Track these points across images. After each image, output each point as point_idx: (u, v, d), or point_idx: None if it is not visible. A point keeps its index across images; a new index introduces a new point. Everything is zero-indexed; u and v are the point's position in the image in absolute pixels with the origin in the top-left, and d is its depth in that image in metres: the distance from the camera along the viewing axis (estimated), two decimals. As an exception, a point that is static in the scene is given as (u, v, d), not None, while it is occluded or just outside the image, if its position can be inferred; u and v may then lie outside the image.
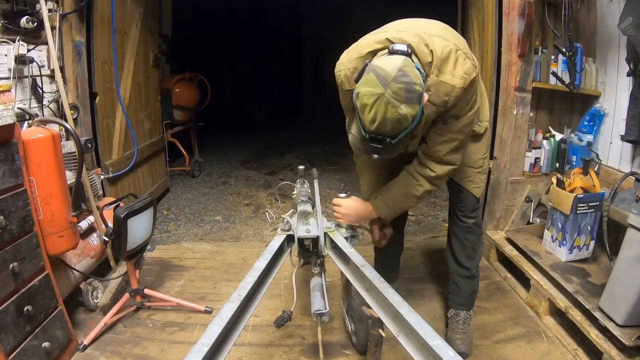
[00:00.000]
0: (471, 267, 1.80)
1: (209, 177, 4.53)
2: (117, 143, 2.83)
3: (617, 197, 1.98)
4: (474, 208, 1.75)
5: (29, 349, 1.43)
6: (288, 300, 2.07)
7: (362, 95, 1.14)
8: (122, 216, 1.76)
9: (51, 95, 2.14)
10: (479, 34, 2.75)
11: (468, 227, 1.76)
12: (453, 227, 1.81)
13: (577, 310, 1.76)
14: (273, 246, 1.44)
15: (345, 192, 1.67)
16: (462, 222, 1.76)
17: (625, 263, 1.58)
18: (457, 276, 1.83)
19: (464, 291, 1.84)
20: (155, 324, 1.98)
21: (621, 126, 2.18)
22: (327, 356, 1.73)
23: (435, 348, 0.94)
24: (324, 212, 1.63)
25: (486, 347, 1.80)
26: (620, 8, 2.01)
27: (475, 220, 1.77)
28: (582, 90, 2.42)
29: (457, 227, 1.79)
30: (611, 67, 2.35)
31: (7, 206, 1.38)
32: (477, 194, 1.72)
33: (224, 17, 6.98)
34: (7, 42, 1.82)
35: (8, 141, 1.40)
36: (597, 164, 2.28)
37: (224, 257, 2.66)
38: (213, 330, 0.99)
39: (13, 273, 1.38)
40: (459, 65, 1.29)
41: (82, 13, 2.30)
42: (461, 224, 1.77)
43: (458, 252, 1.80)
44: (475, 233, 1.78)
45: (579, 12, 2.39)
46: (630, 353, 1.51)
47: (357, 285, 1.33)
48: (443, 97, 1.30)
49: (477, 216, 1.78)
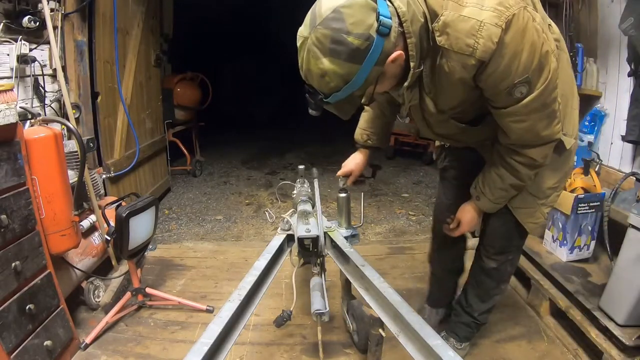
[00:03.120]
0: (475, 309, 1.59)
1: (210, 176, 4.54)
2: (119, 142, 2.84)
3: (618, 197, 1.98)
4: (502, 249, 1.43)
5: (30, 347, 1.43)
6: (289, 300, 2.07)
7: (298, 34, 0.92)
8: (124, 215, 1.76)
9: (53, 94, 2.15)
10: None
11: (486, 271, 1.49)
12: (475, 258, 1.56)
13: (578, 310, 1.76)
14: (273, 246, 1.45)
15: (345, 192, 1.68)
16: (482, 259, 1.49)
17: (626, 263, 1.58)
18: (458, 304, 1.67)
19: (460, 320, 1.66)
20: (157, 323, 1.98)
21: (622, 126, 2.18)
22: (328, 355, 1.74)
23: (435, 348, 0.94)
24: (324, 212, 1.63)
25: (486, 347, 1.80)
26: (621, 8, 2.01)
27: (497, 265, 1.46)
28: (583, 91, 2.42)
29: (475, 262, 1.54)
30: (612, 67, 2.34)
31: (9, 205, 1.38)
32: (532, 230, 1.36)
33: (225, 17, 6.98)
34: (9, 41, 1.83)
35: (10, 140, 1.41)
36: (598, 164, 2.28)
37: (225, 257, 2.66)
38: (213, 329, 0.99)
39: (15, 272, 1.39)
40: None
41: (84, 12, 2.31)
42: (480, 261, 1.50)
43: (469, 286, 1.60)
44: (495, 279, 1.50)
45: (580, 12, 2.38)
46: (631, 353, 1.51)
47: (357, 285, 1.33)
48: (465, 39, 0.90)
49: (502, 260, 1.45)
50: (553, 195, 1.33)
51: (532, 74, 0.95)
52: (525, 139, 1.10)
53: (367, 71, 0.90)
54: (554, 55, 0.97)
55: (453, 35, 0.91)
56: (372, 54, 0.88)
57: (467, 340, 1.70)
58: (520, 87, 0.96)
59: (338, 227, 1.64)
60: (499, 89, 0.98)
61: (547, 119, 1.06)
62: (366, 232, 3.05)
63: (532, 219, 1.34)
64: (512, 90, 0.97)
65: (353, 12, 0.84)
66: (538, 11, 1.03)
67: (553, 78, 0.99)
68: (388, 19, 0.87)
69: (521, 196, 1.30)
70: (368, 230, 3.08)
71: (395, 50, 0.93)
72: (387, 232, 3.07)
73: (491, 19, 0.87)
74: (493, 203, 1.29)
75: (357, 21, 0.84)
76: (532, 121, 1.04)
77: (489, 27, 0.87)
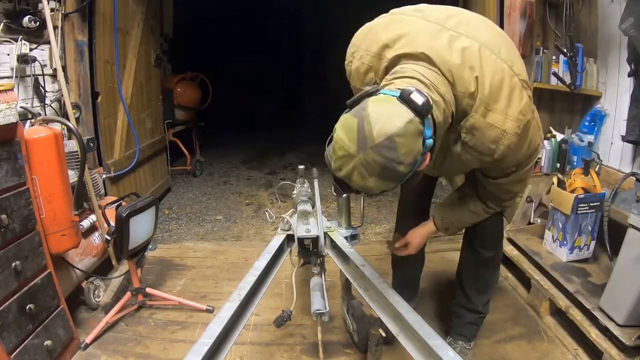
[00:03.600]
0: (477, 303, 1.61)
1: (210, 176, 4.54)
2: (119, 142, 2.84)
3: (618, 198, 1.98)
4: (495, 238, 1.53)
5: (31, 347, 1.43)
6: (289, 300, 2.07)
7: (336, 138, 0.92)
8: (124, 215, 1.76)
9: (53, 94, 2.15)
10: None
11: (484, 261, 1.54)
12: (466, 253, 1.60)
13: (578, 310, 1.76)
14: (273, 246, 1.45)
15: (345, 192, 1.67)
16: (478, 251, 1.53)
17: (626, 263, 1.58)
18: (459, 306, 1.66)
19: (465, 321, 1.66)
20: (157, 323, 1.98)
21: (622, 127, 2.18)
22: (328, 355, 1.74)
23: (435, 348, 0.94)
24: (324, 212, 1.63)
25: (487, 347, 1.80)
26: (621, 9, 2.02)
27: (493, 254, 1.54)
28: (583, 91, 2.42)
29: (470, 255, 1.57)
30: (612, 67, 2.34)
31: (9, 205, 1.38)
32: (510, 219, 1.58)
33: (226, 17, 6.98)
34: (9, 41, 1.83)
35: (11, 140, 1.41)
36: (598, 164, 2.28)
37: (225, 257, 2.66)
38: (213, 329, 1.00)
39: (15, 271, 1.39)
40: (515, 100, 0.99)
41: (84, 12, 2.31)
42: (476, 254, 1.54)
43: (467, 283, 1.61)
44: (492, 267, 1.58)
45: (580, 12, 2.39)
46: (631, 353, 1.51)
47: (356, 285, 1.33)
48: (489, 144, 1.02)
49: (496, 248, 1.56)
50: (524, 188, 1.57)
51: (524, 161, 1.17)
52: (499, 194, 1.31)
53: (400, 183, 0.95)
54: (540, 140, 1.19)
55: (479, 138, 1.03)
56: (407, 173, 0.91)
57: (474, 339, 1.72)
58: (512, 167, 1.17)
59: (338, 227, 1.64)
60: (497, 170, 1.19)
61: (522, 183, 1.30)
62: (366, 232, 3.05)
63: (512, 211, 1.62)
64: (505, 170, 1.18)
65: (405, 142, 0.86)
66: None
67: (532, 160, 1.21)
68: (430, 139, 0.92)
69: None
70: (368, 230, 3.08)
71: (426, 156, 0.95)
72: (387, 232, 3.07)
73: (513, 129, 1.01)
74: (453, 225, 1.44)
75: (408, 151, 0.87)
76: (508, 184, 1.25)
77: (510, 137, 1.02)
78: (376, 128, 0.85)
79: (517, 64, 1.03)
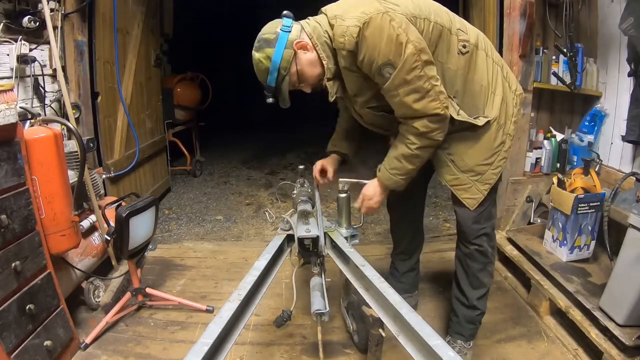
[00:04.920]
0: (470, 297, 1.64)
1: (210, 176, 4.54)
2: (119, 142, 2.84)
3: (618, 198, 1.98)
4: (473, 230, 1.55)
5: (31, 347, 1.44)
6: (289, 300, 2.07)
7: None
8: (124, 215, 1.76)
9: (53, 94, 2.15)
10: (480, 34, 2.74)
11: (468, 255, 1.60)
12: (457, 249, 1.67)
13: (578, 310, 1.76)
14: (273, 246, 1.45)
15: (345, 192, 1.68)
16: (464, 246, 1.61)
17: (626, 263, 1.58)
18: (456, 302, 1.71)
19: (461, 319, 1.69)
20: (157, 323, 1.98)
21: (622, 126, 2.18)
22: (329, 355, 1.74)
23: (435, 348, 0.94)
24: (324, 212, 1.63)
25: (487, 347, 1.80)
26: (621, 8, 2.02)
27: (477, 247, 1.57)
28: (583, 91, 2.42)
29: (459, 250, 1.65)
30: (612, 67, 2.35)
31: (9, 205, 1.39)
32: (471, 205, 1.50)
33: (226, 17, 6.97)
34: (9, 41, 1.83)
35: (10, 140, 1.41)
36: (598, 164, 2.28)
37: (225, 257, 2.66)
38: (213, 329, 0.99)
39: (15, 272, 1.39)
40: (359, 7, 1.28)
41: (84, 13, 2.31)
42: (463, 248, 1.61)
43: (460, 277, 1.67)
44: (479, 261, 1.60)
45: (580, 12, 2.39)
46: (631, 353, 1.51)
47: (356, 285, 1.33)
48: (339, 38, 1.30)
49: (479, 243, 1.57)
50: (489, 172, 1.49)
51: (393, 58, 1.26)
52: (404, 112, 1.36)
53: (280, 51, 1.34)
54: (412, 44, 1.25)
55: (335, 39, 1.32)
56: (280, 39, 1.34)
57: (473, 339, 1.72)
58: (387, 68, 1.28)
59: (338, 227, 1.64)
60: (372, 71, 1.31)
61: (415, 94, 1.30)
62: (366, 232, 3.05)
63: (468, 195, 1.51)
64: (381, 71, 1.29)
65: (267, 27, 1.39)
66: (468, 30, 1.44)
67: (409, 61, 1.26)
68: (288, 25, 1.37)
69: (453, 174, 1.50)
70: (368, 230, 3.08)
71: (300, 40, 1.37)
72: (387, 232, 3.06)
73: (352, 22, 1.26)
74: (390, 174, 1.48)
75: (269, 28, 1.38)
76: (401, 96, 1.31)
77: (351, 28, 1.26)
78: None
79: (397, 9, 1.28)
